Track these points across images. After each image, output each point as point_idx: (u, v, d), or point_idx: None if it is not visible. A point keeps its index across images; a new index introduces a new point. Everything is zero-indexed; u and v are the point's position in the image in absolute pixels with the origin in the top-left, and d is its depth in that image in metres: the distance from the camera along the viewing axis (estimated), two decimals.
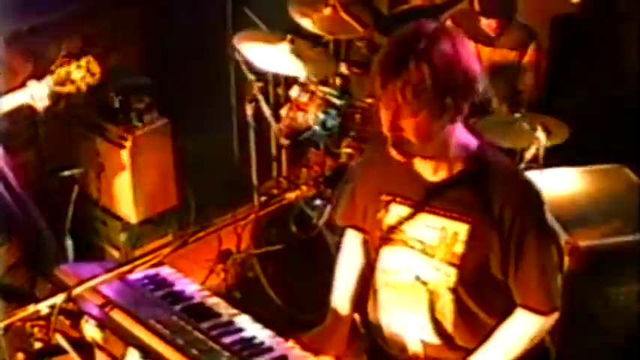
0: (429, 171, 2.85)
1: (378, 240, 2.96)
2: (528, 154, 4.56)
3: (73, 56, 4.16)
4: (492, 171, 2.82)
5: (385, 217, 2.93)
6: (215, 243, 4.89)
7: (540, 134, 4.56)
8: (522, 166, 4.51)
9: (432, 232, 2.84)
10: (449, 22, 5.32)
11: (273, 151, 5.52)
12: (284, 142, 5.18)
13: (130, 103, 5.37)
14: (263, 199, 4.99)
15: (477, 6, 5.28)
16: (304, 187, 2.80)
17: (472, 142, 2.85)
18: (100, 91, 5.47)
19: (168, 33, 6.35)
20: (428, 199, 2.85)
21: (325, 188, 2.85)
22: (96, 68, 4.13)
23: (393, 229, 2.91)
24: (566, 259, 4.03)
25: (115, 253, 5.57)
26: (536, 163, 4.55)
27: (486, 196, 2.78)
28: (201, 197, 5.76)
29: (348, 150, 2.50)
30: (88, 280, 2.78)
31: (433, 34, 2.69)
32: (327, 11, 5.29)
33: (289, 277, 4.91)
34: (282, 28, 5.29)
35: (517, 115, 4.73)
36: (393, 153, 2.76)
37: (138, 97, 5.39)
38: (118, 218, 5.52)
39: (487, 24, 5.28)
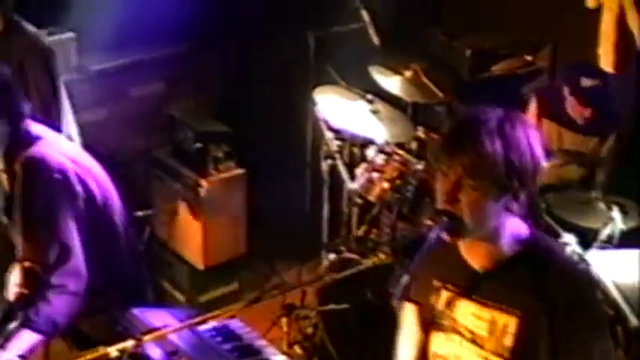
0: (477, 259, 2.82)
1: (429, 324, 2.94)
2: (603, 235, 4.51)
3: None
4: (544, 261, 2.77)
5: (436, 302, 2.91)
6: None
7: (616, 214, 4.51)
8: (596, 245, 4.46)
9: (481, 322, 2.80)
10: (533, 99, 5.31)
11: (345, 208, 5.53)
12: (357, 201, 5.19)
13: (209, 149, 5.43)
14: (332, 256, 5.01)
15: (565, 90, 5.21)
16: (382, 255, 2.80)
17: (524, 230, 2.81)
18: (178, 134, 5.60)
19: (249, 82, 6.44)
20: (476, 289, 2.82)
21: (403, 257, 2.84)
22: None
23: (443, 315, 2.89)
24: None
25: (180, 297, 5.61)
26: (610, 244, 4.50)
27: (537, 287, 2.73)
28: (268, 248, 5.79)
29: (429, 222, 2.49)
30: (159, 328, 2.81)
31: (507, 115, 2.70)
32: (408, 74, 5.30)
33: (352, 337, 4.89)
34: (362, 87, 5.33)
35: (593, 194, 4.69)
36: (443, 235, 2.74)
37: (216, 145, 5.45)
38: (186, 262, 5.56)
39: (575, 108, 5.21)
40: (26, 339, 3.34)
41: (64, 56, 5.91)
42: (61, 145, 3.57)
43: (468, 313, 2.83)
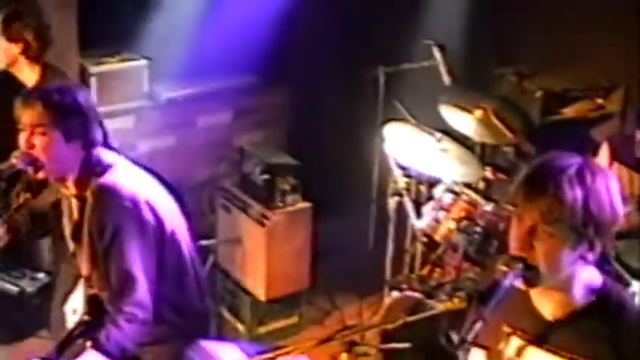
0: (548, 307, 2.78)
1: None
2: None
3: None
4: (616, 312, 2.73)
5: (506, 349, 2.86)
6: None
7: None
8: None
9: None
10: (604, 143, 5.25)
11: (408, 246, 5.50)
12: (422, 239, 5.17)
13: (276, 182, 5.44)
14: (395, 294, 4.98)
15: (637, 134, 5.14)
16: (456, 300, 2.77)
17: (596, 279, 2.77)
18: (246, 165, 5.61)
19: (318, 116, 6.46)
20: (547, 338, 2.77)
21: (478, 303, 2.81)
22: None
23: None
24: None
25: (240, 327, 5.62)
26: None
27: (609, 339, 2.69)
28: (330, 281, 5.77)
29: (504, 268, 2.44)
30: None
31: (587, 163, 2.67)
32: (478, 114, 5.26)
33: None
34: (430, 125, 5.31)
35: None
36: (517, 282, 2.71)
37: (284, 178, 5.46)
38: (248, 293, 5.57)
39: None
40: None
41: (136, 83, 6.01)
42: (133, 173, 3.59)
43: None
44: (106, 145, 3.68)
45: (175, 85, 6.20)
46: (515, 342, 2.84)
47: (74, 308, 3.92)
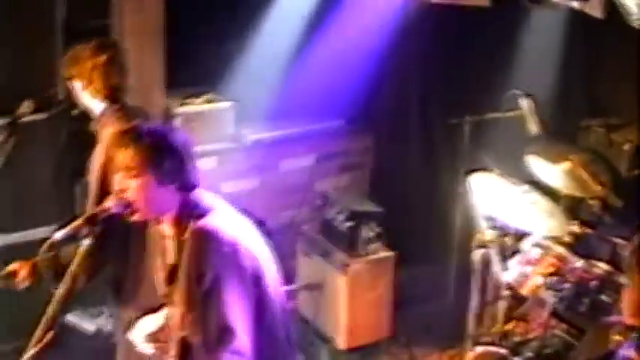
0: None
1: None
2: None
3: None
4: None
5: None
6: None
7: None
8: None
9: None
10: None
11: (491, 299, 5.40)
12: (505, 293, 5.07)
13: (359, 230, 5.40)
14: (479, 349, 4.89)
15: None
16: None
17: None
18: (329, 211, 5.58)
19: (401, 163, 6.41)
20: None
21: None
22: None
23: None
24: None
25: None
26: None
27: None
28: (409, 332, 5.70)
29: (618, 337, 2.35)
30: None
31: None
32: (566, 166, 5.16)
33: None
34: (515, 176, 5.22)
35: None
36: (631, 352, 2.62)
37: (367, 225, 5.41)
38: (326, 341, 5.51)
39: None
40: None
41: (221, 124, 6.01)
42: (233, 218, 3.53)
43: None
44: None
45: (260, 128, 6.20)
46: None
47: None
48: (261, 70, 6.00)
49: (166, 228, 3.50)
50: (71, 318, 5.56)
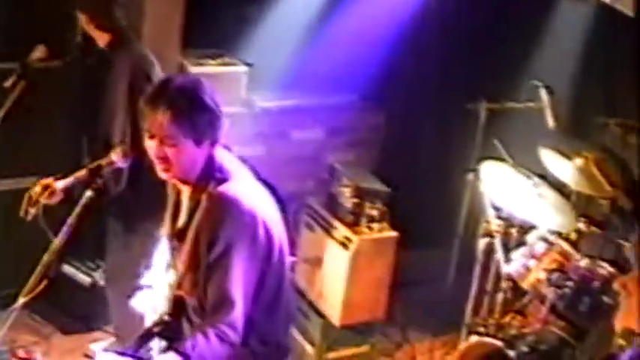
0: None
1: None
2: None
3: None
4: None
5: None
6: None
7: None
8: None
9: None
10: None
11: (490, 289, 5.35)
12: (505, 284, 5.02)
13: (364, 207, 5.34)
14: (474, 338, 4.84)
15: None
16: None
17: None
18: (334, 185, 5.52)
19: (412, 143, 6.34)
20: None
21: None
22: None
23: None
24: None
25: (309, 349, 5.51)
26: None
27: None
28: (405, 314, 5.65)
29: (622, 342, 2.27)
30: None
31: None
32: (578, 162, 5.09)
33: None
34: (527, 167, 5.15)
35: None
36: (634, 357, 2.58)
37: (373, 203, 5.36)
38: (322, 316, 5.46)
39: None
40: None
41: (234, 88, 5.94)
42: (253, 187, 3.42)
43: None
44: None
45: (272, 95, 6.13)
46: None
47: (154, 306, 3.83)
48: (279, 37, 5.94)
49: (187, 187, 3.40)
50: (67, 270, 5.53)
